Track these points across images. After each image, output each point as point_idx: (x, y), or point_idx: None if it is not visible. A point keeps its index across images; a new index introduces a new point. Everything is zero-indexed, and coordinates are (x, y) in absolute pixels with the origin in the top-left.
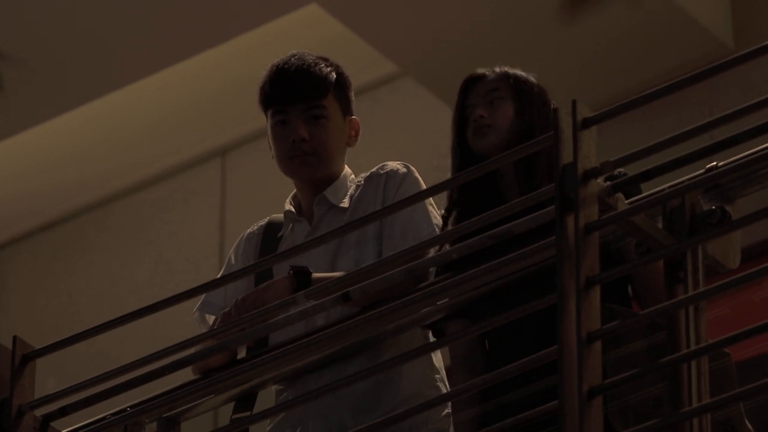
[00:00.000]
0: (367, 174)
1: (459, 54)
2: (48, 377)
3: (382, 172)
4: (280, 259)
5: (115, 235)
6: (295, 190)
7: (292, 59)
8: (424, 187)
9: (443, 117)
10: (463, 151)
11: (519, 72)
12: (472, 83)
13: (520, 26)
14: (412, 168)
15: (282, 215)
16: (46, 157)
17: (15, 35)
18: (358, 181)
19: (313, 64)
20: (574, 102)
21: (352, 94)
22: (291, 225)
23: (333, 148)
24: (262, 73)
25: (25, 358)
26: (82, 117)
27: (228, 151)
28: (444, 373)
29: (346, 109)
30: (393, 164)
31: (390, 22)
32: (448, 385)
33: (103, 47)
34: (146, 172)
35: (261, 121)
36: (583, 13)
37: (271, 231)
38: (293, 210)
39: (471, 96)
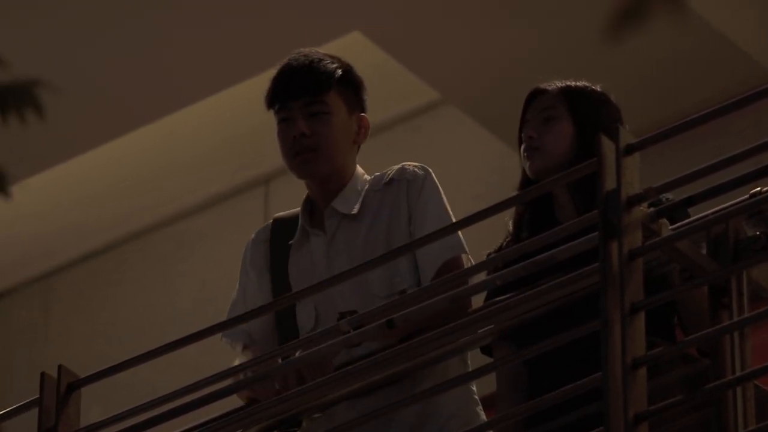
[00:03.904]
0: (384, 176)
1: (501, 81)
2: (92, 406)
3: (401, 178)
4: (304, 292)
5: (157, 264)
6: (307, 192)
7: (297, 56)
8: (440, 189)
9: (485, 145)
10: (525, 172)
11: (580, 85)
12: (532, 98)
13: (562, 53)
14: (430, 170)
15: (289, 213)
16: (88, 188)
17: (57, 63)
18: (368, 180)
19: (316, 61)
20: (617, 128)
21: (364, 93)
22: (307, 237)
23: (336, 144)
24: None
25: (70, 387)
26: (124, 147)
27: (271, 180)
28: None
29: (353, 106)
30: (411, 168)
31: (432, 50)
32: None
33: (146, 76)
34: (189, 201)
35: None
36: (627, 40)
37: (279, 235)
38: (307, 220)
39: (529, 112)
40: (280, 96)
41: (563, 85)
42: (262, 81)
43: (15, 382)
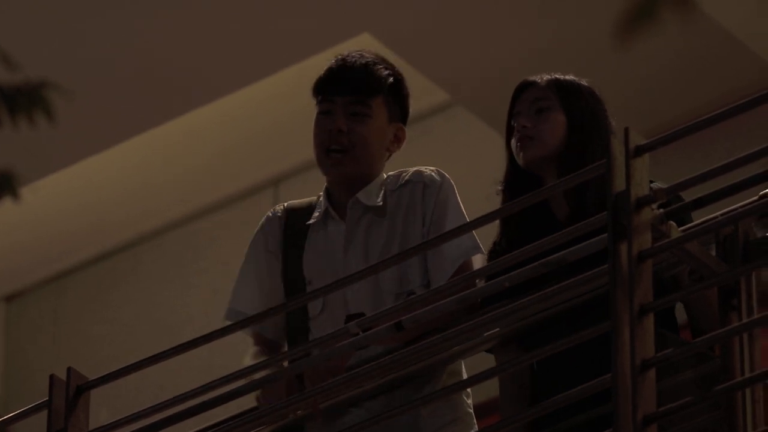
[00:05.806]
0: (400, 177)
1: (511, 83)
2: (102, 408)
3: (417, 180)
4: (328, 288)
5: (169, 265)
6: (326, 184)
7: (355, 54)
8: (457, 195)
9: (496, 147)
10: (513, 162)
11: (569, 78)
12: (521, 90)
13: (572, 55)
14: (446, 175)
15: (301, 201)
16: (99, 191)
17: (68, 64)
18: (386, 179)
19: (371, 64)
20: (626, 129)
21: (409, 105)
22: (325, 222)
23: (369, 147)
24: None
25: (79, 389)
26: (134, 149)
27: (281, 181)
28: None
29: (395, 115)
30: (428, 172)
31: (442, 52)
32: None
33: (155, 78)
34: (200, 202)
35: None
36: (637, 42)
37: (295, 217)
38: (330, 206)
39: (518, 104)
40: (328, 88)
41: (552, 77)
42: (272, 83)
43: (25, 384)
